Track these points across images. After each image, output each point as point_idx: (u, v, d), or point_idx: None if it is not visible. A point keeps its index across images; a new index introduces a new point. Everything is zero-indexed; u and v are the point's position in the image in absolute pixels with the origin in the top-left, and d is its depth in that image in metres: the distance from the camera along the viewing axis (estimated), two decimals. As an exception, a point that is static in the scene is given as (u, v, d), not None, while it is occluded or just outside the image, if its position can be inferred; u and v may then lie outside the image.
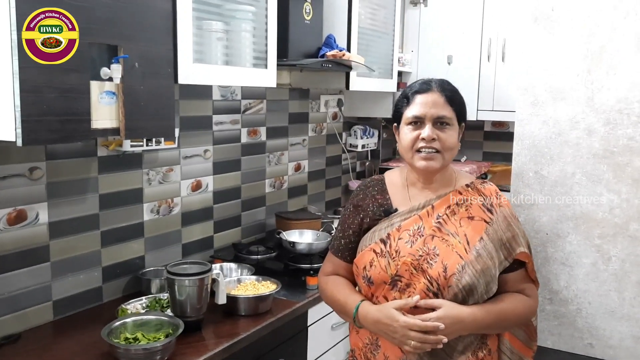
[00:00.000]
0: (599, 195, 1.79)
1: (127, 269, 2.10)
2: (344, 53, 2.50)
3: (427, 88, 1.47)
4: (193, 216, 2.38)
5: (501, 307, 1.43)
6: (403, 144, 1.48)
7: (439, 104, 1.44)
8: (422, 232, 1.44)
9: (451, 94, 1.47)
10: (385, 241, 1.46)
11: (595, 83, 1.79)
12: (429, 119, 1.44)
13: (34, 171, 1.76)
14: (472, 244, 1.41)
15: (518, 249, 1.45)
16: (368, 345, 1.50)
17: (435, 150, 1.43)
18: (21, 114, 1.30)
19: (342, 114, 3.40)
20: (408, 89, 1.51)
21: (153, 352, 1.55)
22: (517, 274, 1.48)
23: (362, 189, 1.59)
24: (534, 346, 1.58)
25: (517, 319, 1.48)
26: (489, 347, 1.48)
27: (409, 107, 1.47)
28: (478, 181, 1.53)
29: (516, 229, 1.47)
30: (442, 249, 1.41)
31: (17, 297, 1.75)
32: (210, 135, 2.43)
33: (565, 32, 1.82)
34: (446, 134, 1.44)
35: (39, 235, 1.79)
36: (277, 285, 2.05)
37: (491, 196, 1.49)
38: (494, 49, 3.32)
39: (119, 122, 1.54)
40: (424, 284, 1.39)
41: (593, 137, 1.79)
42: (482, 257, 1.40)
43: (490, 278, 1.41)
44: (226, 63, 2.00)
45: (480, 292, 1.39)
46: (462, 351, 1.43)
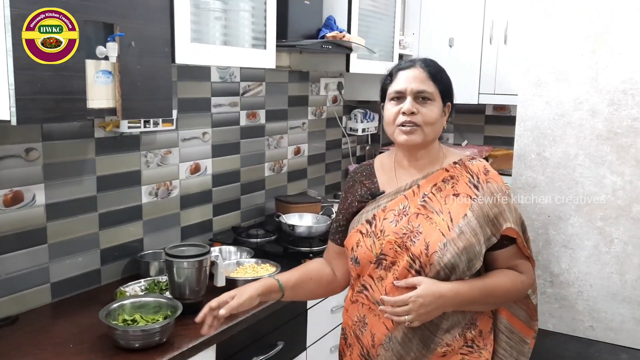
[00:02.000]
0: (602, 177, 1.77)
1: (125, 251, 2.08)
2: (344, 34, 2.47)
3: (411, 65, 1.49)
4: (192, 199, 2.37)
5: (487, 282, 1.42)
6: (386, 119, 1.49)
7: (420, 79, 1.45)
8: (407, 212, 1.44)
9: (434, 70, 1.48)
10: (371, 222, 1.47)
11: (600, 63, 1.76)
12: (410, 92, 1.44)
13: (30, 152, 1.74)
14: (456, 221, 1.40)
15: (505, 225, 1.42)
16: (357, 323, 1.51)
17: (415, 125, 1.43)
18: (15, 92, 1.27)
19: (342, 97, 3.37)
20: (393, 67, 1.53)
21: (151, 333, 1.54)
22: (508, 251, 1.46)
23: (352, 176, 1.62)
24: (535, 326, 1.56)
25: (507, 294, 1.46)
26: (479, 327, 1.46)
27: (392, 84, 1.49)
28: (467, 157, 1.51)
29: (504, 205, 1.43)
30: (426, 226, 1.40)
31: (14, 279, 1.73)
32: (208, 117, 2.41)
33: (569, 12, 1.79)
34: (427, 109, 1.44)
35: (36, 217, 1.78)
36: (276, 268, 2.04)
37: (479, 172, 1.47)
38: (496, 31, 3.28)
39: (115, 102, 1.52)
40: (406, 261, 1.39)
41: (597, 118, 1.77)
42: (464, 234, 1.38)
43: (473, 255, 1.38)
44: (224, 43, 1.96)
45: (462, 269, 1.38)
46: (448, 329, 1.42)
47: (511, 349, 1.53)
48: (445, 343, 1.42)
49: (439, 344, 1.41)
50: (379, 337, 1.44)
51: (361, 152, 3.69)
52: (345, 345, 1.57)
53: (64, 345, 1.56)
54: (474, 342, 1.45)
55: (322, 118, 3.22)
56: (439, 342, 1.41)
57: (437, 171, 1.48)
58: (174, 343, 1.57)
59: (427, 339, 1.41)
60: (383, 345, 1.44)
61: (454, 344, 1.43)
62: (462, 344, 1.44)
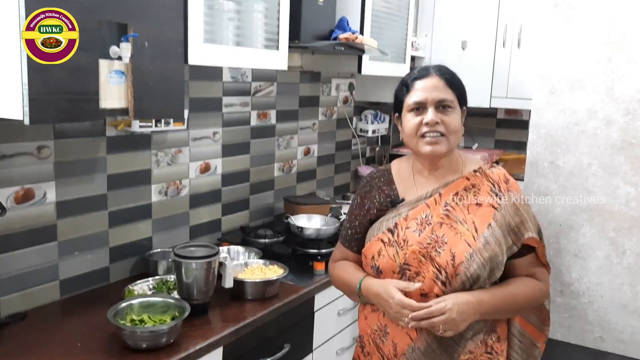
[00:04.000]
0: (616, 187, 1.76)
1: (134, 249, 2.09)
2: (357, 36, 2.45)
3: (426, 73, 1.46)
4: (201, 198, 2.37)
5: (507, 290, 1.42)
6: (407, 131, 1.47)
7: (439, 88, 1.43)
8: (430, 220, 1.42)
9: (450, 77, 1.46)
10: (393, 230, 1.45)
11: (616, 72, 1.74)
12: (431, 103, 1.42)
13: (42, 150, 1.74)
14: (481, 231, 1.39)
15: (527, 234, 1.43)
16: (377, 332, 1.49)
17: (440, 134, 1.42)
18: (29, 92, 1.27)
19: (353, 98, 3.36)
20: (406, 77, 1.51)
21: (159, 334, 1.54)
22: (526, 259, 1.46)
23: (369, 181, 1.59)
24: (547, 331, 1.56)
25: (527, 302, 1.46)
26: (497, 334, 1.47)
27: (410, 94, 1.46)
28: (486, 166, 1.50)
29: (525, 214, 1.44)
30: (450, 236, 1.39)
31: (24, 275, 1.74)
32: (219, 117, 2.41)
33: (586, 19, 1.77)
34: (449, 117, 1.42)
35: (46, 214, 1.78)
36: (284, 270, 2.04)
37: (499, 181, 1.46)
38: (510, 34, 3.25)
39: (127, 103, 1.51)
40: (432, 272, 1.38)
41: (611, 127, 1.75)
42: (490, 244, 1.38)
43: (495, 265, 1.39)
44: (237, 44, 1.96)
45: (484, 279, 1.38)
46: (471, 338, 1.42)
47: (522, 352, 1.53)
48: (468, 350, 1.42)
49: (462, 352, 1.41)
50: (402, 347, 1.43)
51: (371, 153, 3.67)
52: (362, 354, 1.55)
53: (72, 344, 1.56)
54: (493, 348, 1.46)
55: (333, 119, 3.21)
56: (462, 350, 1.41)
57: (458, 179, 1.46)
58: (181, 344, 1.57)
59: (451, 349, 1.41)
60: (405, 355, 1.43)
61: (476, 351, 1.43)
62: (483, 350, 1.44)
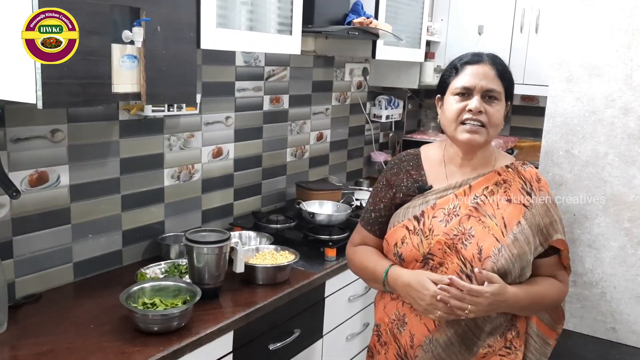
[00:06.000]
0: (632, 177, 1.73)
1: (146, 233, 2.10)
2: (371, 20, 2.42)
3: (479, 59, 1.42)
4: (213, 183, 2.37)
5: (538, 289, 1.41)
6: (447, 114, 1.43)
7: (489, 77, 1.39)
8: (458, 212, 1.40)
9: (502, 69, 1.43)
10: (419, 218, 1.43)
11: (635, 60, 1.70)
12: (478, 90, 1.39)
13: (56, 133, 1.75)
14: (510, 227, 1.37)
15: (555, 236, 1.41)
16: (395, 322, 1.48)
17: (481, 124, 1.38)
18: (42, 76, 1.28)
19: (367, 83, 3.33)
20: (457, 60, 1.46)
21: (170, 318, 1.55)
22: (551, 260, 1.45)
23: (397, 163, 1.55)
24: (559, 329, 1.55)
25: (550, 303, 1.47)
26: (517, 329, 1.46)
27: (458, 77, 1.42)
28: (518, 163, 1.48)
29: (555, 215, 1.43)
30: (478, 230, 1.37)
31: (38, 257, 1.77)
32: (232, 101, 2.40)
33: (606, 5, 1.73)
34: (494, 109, 1.39)
35: (60, 198, 1.80)
36: (295, 255, 2.04)
37: (531, 179, 1.44)
38: (527, 19, 3.19)
39: (140, 87, 1.51)
40: (457, 264, 1.36)
41: (629, 116, 1.72)
42: (518, 241, 1.36)
43: (525, 263, 1.38)
44: (250, 28, 1.95)
45: (514, 277, 1.37)
46: (491, 332, 1.41)
47: (535, 351, 1.52)
48: (487, 344, 1.41)
49: (482, 346, 1.41)
50: (419, 337, 1.42)
51: (384, 139, 3.65)
52: (378, 343, 1.54)
53: (85, 326, 1.58)
54: (512, 343, 1.45)
55: (346, 104, 3.19)
56: (482, 344, 1.41)
57: (490, 173, 1.44)
58: (192, 328, 1.59)
59: (471, 342, 1.40)
60: (422, 346, 1.42)
61: (495, 345, 1.42)
62: (502, 345, 1.43)
